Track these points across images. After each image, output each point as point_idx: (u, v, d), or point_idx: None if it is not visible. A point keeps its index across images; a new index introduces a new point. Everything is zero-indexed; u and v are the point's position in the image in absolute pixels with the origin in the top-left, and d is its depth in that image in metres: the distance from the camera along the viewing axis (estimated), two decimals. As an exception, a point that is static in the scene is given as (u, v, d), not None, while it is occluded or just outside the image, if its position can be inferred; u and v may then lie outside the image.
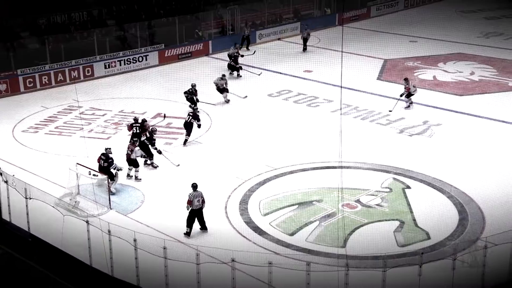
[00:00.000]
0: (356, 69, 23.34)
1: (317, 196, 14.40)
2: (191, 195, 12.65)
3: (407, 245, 12.39)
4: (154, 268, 10.84)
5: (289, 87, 22.72)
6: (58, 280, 11.35)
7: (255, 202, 14.21)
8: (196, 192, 12.68)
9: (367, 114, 19.96)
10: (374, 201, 14.21)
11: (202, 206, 12.73)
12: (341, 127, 14.05)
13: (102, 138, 18.24)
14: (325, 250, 12.18)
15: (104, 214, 13.39)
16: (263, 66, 24.91)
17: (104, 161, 14.51)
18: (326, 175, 15.44)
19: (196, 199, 12.62)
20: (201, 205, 12.68)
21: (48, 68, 23.07)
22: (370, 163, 16.12)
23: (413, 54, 26.58)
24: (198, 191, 12.73)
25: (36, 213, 12.75)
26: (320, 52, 26.87)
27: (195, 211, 12.66)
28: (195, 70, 23.75)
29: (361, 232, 12.88)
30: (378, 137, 18.15)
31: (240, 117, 19.61)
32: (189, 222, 12.69)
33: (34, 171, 15.68)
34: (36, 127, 19.17)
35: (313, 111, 20.47)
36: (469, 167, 15.89)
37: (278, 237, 12.75)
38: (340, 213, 13.55)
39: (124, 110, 20.58)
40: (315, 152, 16.86)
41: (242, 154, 16.84)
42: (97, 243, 11.22)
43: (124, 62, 24.84)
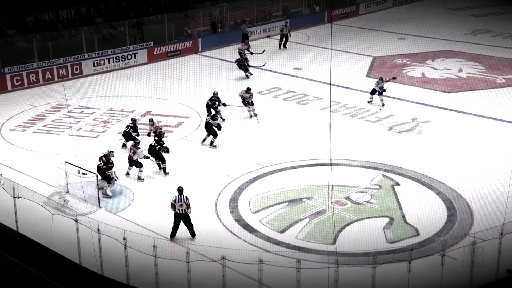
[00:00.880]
0: (345, 67, 23.40)
1: (307, 194, 14.42)
2: (173, 199, 12.37)
3: (397, 242, 12.45)
4: (144, 266, 10.80)
5: (278, 85, 22.71)
6: (47, 280, 11.28)
7: (245, 200, 14.20)
8: (180, 196, 12.33)
9: (356, 111, 20.00)
10: (363, 198, 14.26)
11: (187, 211, 12.30)
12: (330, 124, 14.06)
13: (91, 136, 18.13)
14: (315, 247, 12.20)
15: (93, 213, 13.32)
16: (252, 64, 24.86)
17: (104, 164, 14.43)
18: (316, 173, 15.46)
19: (178, 203, 12.25)
20: (185, 210, 12.23)
21: (35, 66, 22.89)
22: (359, 160, 16.17)
23: (402, 51, 26.68)
24: (184, 195, 12.35)
25: (24, 212, 12.64)
26: (309, 50, 26.89)
27: (179, 216, 12.29)
28: (184, 68, 23.68)
29: (351, 229, 12.92)
30: (367, 134, 18.19)
31: (230, 114, 19.56)
32: (173, 226, 12.38)
33: (22, 170, 15.56)
34: (24, 126, 19.01)
35: (303, 109, 20.48)
36: (458, 164, 16.00)
37: (268, 235, 12.76)
38: (330, 210, 13.58)
39: (113, 108, 20.47)
40: (305, 149, 16.88)
41: (232, 151, 16.83)
42: (86, 242, 11.16)
43: (113, 60, 24.70)
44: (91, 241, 11.01)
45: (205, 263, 11.09)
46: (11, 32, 23.93)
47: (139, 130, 17.03)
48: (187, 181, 14.73)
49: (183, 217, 12.30)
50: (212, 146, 16.97)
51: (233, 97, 20.99)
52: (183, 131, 18.56)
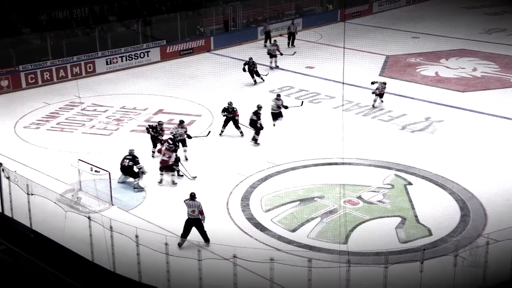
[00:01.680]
0: (358, 65, 23.31)
1: (319, 193, 14.39)
2: (186, 204, 12.11)
3: (409, 242, 12.38)
4: (156, 264, 10.85)
5: (290, 83, 22.68)
6: (60, 276, 11.37)
7: (256, 199, 14.21)
8: (192, 202, 12.05)
9: (369, 110, 19.92)
10: (375, 197, 14.20)
11: (200, 218, 12.04)
12: (343, 123, 14.03)
13: (103, 134, 18.25)
14: (326, 247, 12.18)
15: (106, 210, 13.41)
16: (265, 62, 24.87)
17: (130, 160, 14.54)
18: (328, 172, 15.43)
19: (190, 209, 11.99)
20: (197, 216, 11.98)
21: (49, 64, 23.08)
22: (372, 160, 16.10)
23: (415, 50, 26.53)
24: (196, 201, 12.08)
25: (38, 209, 12.76)
26: (322, 48, 26.82)
27: (191, 221, 12.00)
28: (196, 66, 23.73)
29: (363, 229, 12.88)
30: (380, 133, 18.12)
31: (242, 113, 19.58)
32: (183, 232, 12.01)
33: (36, 167, 15.70)
34: (38, 123, 19.18)
35: (315, 108, 20.43)
36: (471, 164, 15.87)
37: (279, 234, 12.76)
38: (342, 210, 13.54)
39: (125, 106, 20.58)
40: (317, 148, 16.84)
41: (244, 150, 16.84)
42: (99, 239, 11.24)
43: (126, 58, 24.83)
44: (103, 238, 11.08)
45: (217, 262, 11.11)
46: (26, 30, 24.16)
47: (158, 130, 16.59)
48: (198, 179, 14.79)
49: (195, 222, 12.02)
50: (255, 142, 16.97)
51: (245, 96, 20.99)
52: (195, 129, 18.61)
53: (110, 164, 15.03)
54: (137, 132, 18.39)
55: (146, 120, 19.43)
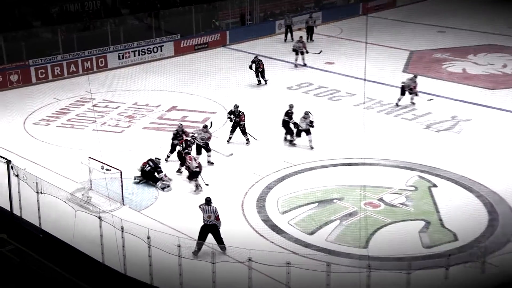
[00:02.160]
0: (381, 61, 23.16)
1: (338, 194, 14.34)
2: (201, 209, 11.97)
3: (433, 247, 12.28)
4: (168, 266, 10.90)
5: (309, 80, 22.61)
6: (69, 277, 11.48)
7: (273, 200, 14.20)
8: (208, 207, 11.90)
9: (391, 108, 19.78)
10: (398, 200, 14.11)
11: (216, 223, 11.88)
12: (364, 121, 13.96)
13: (115, 131, 18.38)
14: (346, 251, 12.14)
15: (117, 210, 13.50)
16: (282, 58, 24.84)
17: (151, 168, 14.75)
18: (347, 172, 15.36)
19: (206, 214, 11.84)
20: (214, 221, 11.82)
21: (60, 58, 23.32)
22: (394, 160, 16.00)
23: (441, 45, 26.29)
24: (212, 206, 11.93)
25: (47, 209, 12.89)
26: (342, 43, 26.71)
27: (207, 227, 11.82)
28: (211, 62, 23.79)
29: (384, 232, 12.81)
30: (403, 132, 17.99)
31: (258, 110, 19.58)
32: (199, 238, 11.77)
33: (45, 165, 15.87)
34: (48, 120, 19.39)
35: (335, 105, 20.35)
36: (500, 165, 15.68)
37: (296, 236, 12.74)
38: (362, 212, 13.48)
39: (138, 103, 20.70)
40: (336, 148, 16.78)
41: (260, 149, 16.83)
42: (109, 240, 11.32)
43: (139, 53, 24.98)
44: (114, 239, 11.16)
45: (231, 265, 11.12)
46: (36, 24, 24.43)
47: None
48: (212, 179, 14.82)
49: (211, 229, 11.90)
50: (290, 143, 16.81)
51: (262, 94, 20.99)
52: (209, 127, 18.65)
53: (121, 162, 15.13)
54: (150, 130, 18.50)
55: (159, 117, 19.54)
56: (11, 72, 22.24)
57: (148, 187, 14.86)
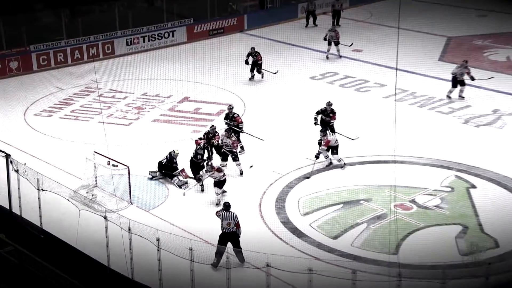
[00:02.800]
0: (414, 49, 22.98)
1: (365, 195, 14.29)
2: (220, 215, 11.80)
3: (471, 254, 12.17)
4: (179, 271, 10.95)
5: (334, 69, 22.53)
6: (72, 281, 11.58)
7: (293, 200, 14.19)
8: (227, 213, 11.74)
9: (425, 100, 19.65)
10: (432, 201, 14.03)
11: (236, 231, 11.72)
12: (395, 115, 13.82)
13: (122, 124, 18.50)
14: (373, 257, 12.10)
15: (123, 210, 13.60)
16: (304, 44, 24.76)
17: (167, 161, 14.87)
18: (376, 171, 15.30)
19: (225, 221, 11.68)
20: (233, 229, 11.67)
21: (63, 44, 23.52)
22: (428, 158, 15.89)
23: (482, 30, 25.99)
24: (232, 212, 11.80)
25: (49, 207, 13.04)
26: (371, 29, 26.54)
27: (226, 236, 11.65)
28: (227, 49, 23.80)
29: (417, 237, 12.74)
30: (438, 127, 17.87)
31: (278, 102, 19.55)
32: (218, 249, 11.50)
33: (47, 159, 16.04)
34: (50, 111, 19.59)
35: (363, 97, 20.26)
36: (547, 165, 15.48)
37: (319, 241, 12.73)
38: (392, 215, 13.42)
39: (147, 93, 20.81)
40: (364, 144, 16.70)
41: (280, 144, 16.81)
42: (115, 242, 11.41)
43: (148, 39, 25.10)
44: (121, 241, 11.24)
45: (247, 270, 11.15)
46: (38, 7, 24.65)
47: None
48: (228, 177, 14.83)
49: (231, 237, 11.76)
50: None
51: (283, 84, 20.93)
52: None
53: (129, 157, 15.24)
54: (160, 123, 18.59)
55: (170, 108, 19.63)
56: (10, 58, 22.49)
57: (158, 184, 14.93)
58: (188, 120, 18.58)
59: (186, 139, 17.01)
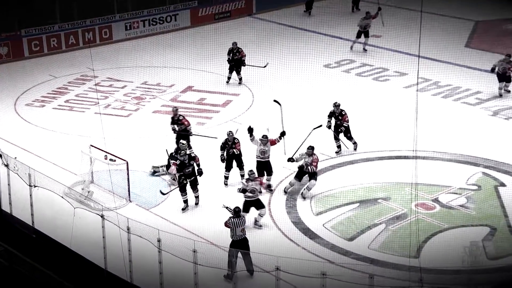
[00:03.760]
0: (438, 34, 22.88)
1: (384, 193, 14.30)
2: (232, 223, 11.57)
3: (500, 258, 12.19)
4: (182, 275, 11.00)
5: (351, 56, 22.47)
6: (65, 285, 11.66)
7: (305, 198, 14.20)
8: (239, 220, 11.61)
9: (450, 91, 19.59)
10: (457, 201, 14.02)
11: (245, 236, 11.66)
12: (416, 107, 13.77)
13: (121, 115, 18.55)
14: (392, 261, 12.10)
15: (122, 208, 13.65)
16: (317, 29, 24.68)
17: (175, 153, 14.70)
18: (395, 167, 15.29)
19: (238, 228, 11.53)
20: (244, 235, 11.64)
21: (57, 28, 23.57)
22: (453, 153, 15.87)
23: (513, 14, 25.86)
24: (242, 216, 11.75)
25: (41, 204, 13.10)
26: (391, 12, 26.39)
27: (237, 244, 11.52)
28: (235, 34, 23.75)
29: (440, 240, 12.74)
30: (464, 120, 17.84)
31: (289, 92, 19.53)
32: (230, 260, 11.30)
33: (39, 153, 16.11)
34: (42, 100, 19.66)
35: (381, 87, 20.23)
36: None
37: (333, 242, 12.74)
38: (413, 215, 13.40)
39: (148, 82, 20.84)
40: (382, 138, 16.71)
41: (291, 138, 16.79)
42: (113, 242, 11.46)
43: (149, 23, 25.12)
44: (119, 241, 11.29)
45: (256, 274, 11.18)
46: (30, -12, 24.68)
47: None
48: (235, 173, 14.85)
49: (242, 244, 11.65)
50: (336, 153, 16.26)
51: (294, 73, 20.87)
52: (231, 112, 18.68)
53: (128, 151, 15.27)
54: (161, 114, 18.62)
55: (172, 99, 19.66)
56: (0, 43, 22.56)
57: (160, 181, 14.96)
58: (192, 112, 18.59)
59: (190, 132, 17.03)
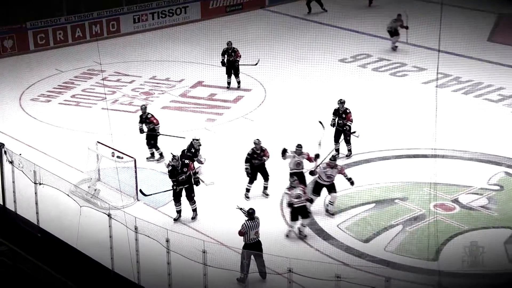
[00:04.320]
0: (459, 27, 22.76)
1: (401, 193, 14.28)
2: (246, 226, 11.52)
3: (521, 261, 12.13)
4: (191, 276, 11.03)
5: (367, 50, 22.41)
6: (71, 286, 11.72)
7: (319, 198, 14.18)
8: (253, 222, 11.56)
9: (471, 86, 19.54)
10: (478, 201, 13.99)
11: (259, 239, 11.67)
12: (436, 103, 13.74)
13: (129, 111, 18.63)
14: (410, 263, 12.09)
15: (130, 206, 13.72)
16: (331, 22, 24.62)
17: (187, 151, 14.78)
18: (414, 166, 15.27)
19: (253, 231, 11.52)
20: (258, 238, 11.69)
21: (64, 21, 23.68)
22: (473, 152, 15.83)
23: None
24: (257, 219, 11.66)
25: (46, 203, 13.19)
26: (410, 4, 26.28)
27: (250, 247, 11.49)
28: (246, 28, 23.76)
29: (460, 242, 12.66)
30: (485, 117, 17.78)
31: (302, 88, 19.52)
32: (243, 264, 11.28)
33: (45, 150, 16.22)
34: (48, 95, 19.78)
35: (399, 82, 20.19)
36: None
37: (348, 244, 12.75)
38: (432, 216, 13.38)
39: (156, 77, 20.90)
40: (400, 135, 16.69)
41: (304, 136, 16.79)
42: (120, 242, 11.51)
43: (158, 15, 25.18)
44: (126, 241, 11.34)
45: (267, 276, 11.19)
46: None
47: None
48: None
49: (255, 247, 11.57)
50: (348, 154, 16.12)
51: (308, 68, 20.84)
52: (242, 108, 18.70)
53: (136, 148, 15.33)
54: (171, 110, 18.68)
55: (182, 94, 19.71)
56: (4, 36, 22.71)
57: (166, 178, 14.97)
58: (202, 108, 18.65)
59: (199, 129, 17.09)
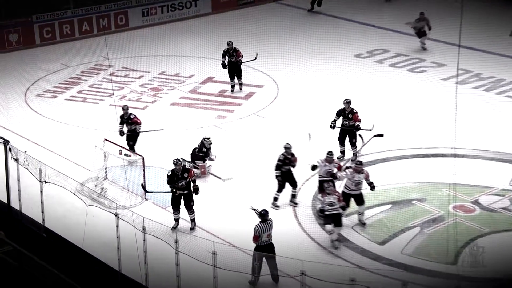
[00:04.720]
0: (481, 21, 22.60)
1: (419, 194, 14.24)
2: (258, 228, 11.45)
3: (543, 266, 12.05)
4: (200, 278, 11.03)
5: (384, 46, 22.34)
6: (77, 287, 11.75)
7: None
8: (266, 225, 11.52)
9: (493, 83, 19.45)
10: (499, 203, 13.92)
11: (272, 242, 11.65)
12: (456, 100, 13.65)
13: (137, 107, 18.63)
14: (428, 267, 12.03)
15: (137, 206, 13.73)
16: (346, 16, 24.52)
17: (198, 150, 14.86)
18: (432, 166, 15.22)
19: (265, 233, 11.49)
20: (269, 241, 11.63)
21: (70, 14, 23.74)
22: (495, 151, 15.76)
23: None
24: (269, 220, 11.60)
25: (52, 202, 13.24)
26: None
27: (262, 249, 11.47)
28: (259, 21, 23.71)
29: (480, 245, 12.58)
30: (508, 115, 17.68)
31: (316, 85, 19.47)
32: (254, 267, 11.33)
33: (51, 147, 16.27)
34: (54, 91, 19.84)
35: (417, 78, 20.11)
36: None
37: (363, 246, 12.72)
38: (451, 218, 13.33)
39: (165, 72, 20.92)
40: (418, 134, 16.63)
41: (318, 133, 16.74)
42: (128, 243, 11.53)
43: (168, 9, 25.20)
44: (134, 242, 11.36)
45: (280, 279, 11.17)
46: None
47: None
48: (257, 169, 14.86)
49: (268, 249, 11.54)
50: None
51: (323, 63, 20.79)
52: (254, 105, 18.68)
53: (144, 146, 15.34)
54: (180, 106, 18.69)
55: (192, 90, 19.71)
56: (10, 30, 22.80)
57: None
58: (212, 104, 18.64)
59: (210, 126, 17.07)
